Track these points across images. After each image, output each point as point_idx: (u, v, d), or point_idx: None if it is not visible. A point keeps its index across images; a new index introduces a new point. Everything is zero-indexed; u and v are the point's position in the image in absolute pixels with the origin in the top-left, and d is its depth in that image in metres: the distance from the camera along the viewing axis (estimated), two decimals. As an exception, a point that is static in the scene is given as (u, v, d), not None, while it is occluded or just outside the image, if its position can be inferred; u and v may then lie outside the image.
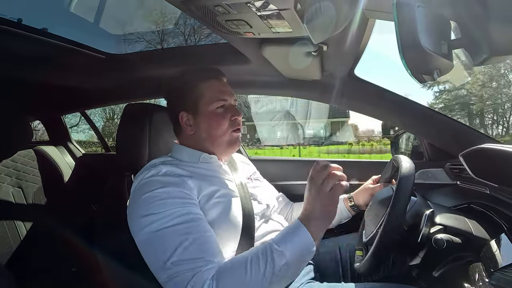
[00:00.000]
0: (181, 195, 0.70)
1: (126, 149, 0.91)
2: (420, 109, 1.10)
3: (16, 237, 1.41)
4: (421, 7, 0.41)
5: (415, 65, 0.44)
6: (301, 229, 0.66)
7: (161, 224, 0.65)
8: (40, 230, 1.49)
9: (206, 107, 0.84)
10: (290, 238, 0.65)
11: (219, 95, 0.85)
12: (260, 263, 0.61)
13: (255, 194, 0.91)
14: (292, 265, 0.63)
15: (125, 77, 1.28)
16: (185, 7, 0.64)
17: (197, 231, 0.66)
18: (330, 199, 0.67)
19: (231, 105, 0.87)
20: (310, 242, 0.65)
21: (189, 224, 0.66)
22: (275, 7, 0.59)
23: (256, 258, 0.62)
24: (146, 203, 0.68)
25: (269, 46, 0.85)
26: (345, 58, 0.94)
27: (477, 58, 0.44)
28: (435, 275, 0.75)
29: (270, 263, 0.61)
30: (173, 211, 0.66)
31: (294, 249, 0.63)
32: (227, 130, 0.85)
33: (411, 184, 0.71)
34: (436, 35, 0.43)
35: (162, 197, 0.68)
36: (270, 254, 0.62)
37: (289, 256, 0.62)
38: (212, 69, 0.88)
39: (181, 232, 0.64)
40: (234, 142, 0.87)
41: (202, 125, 0.85)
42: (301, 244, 0.65)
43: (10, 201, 1.44)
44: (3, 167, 1.47)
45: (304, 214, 0.68)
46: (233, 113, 0.85)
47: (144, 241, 0.66)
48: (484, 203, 0.89)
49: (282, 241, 0.65)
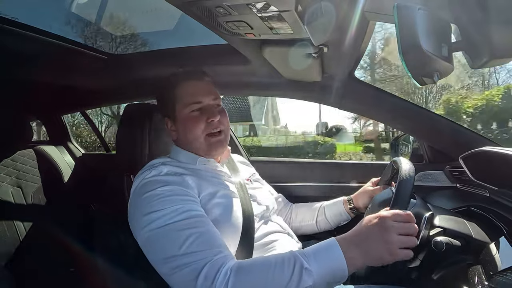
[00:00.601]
0: (183, 193, 0.70)
1: (126, 149, 0.91)
2: (420, 111, 1.11)
3: (15, 236, 1.41)
4: (422, 10, 0.42)
5: (416, 68, 0.44)
6: (336, 251, 0.58)
7: (165, 220, 0.64)
8: (39, 229, 1.49)
9: (181, 111, 0.82)
10: (323, 256, 0.59)
11: (192, 97, 0.82)
12: (285, 272, 0.56)
13: (255, 195, 0.91)
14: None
15: (126, 77, 1.28)
16: (186, 8, 0.64)
17: (203, 226, 0.65)
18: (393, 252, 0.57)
19: (209, 106, 0.83)
20: (343, 267, 0.57)
21: (194, 219, 0.65)
22: (276, 8, 0.59)
23: (281, 266, 0.57)
24: (148, 201, 0.68)
25: (269, 47, 0.85)
26: (345, 60, 0.94)
27: (477, 61, 0.44)
28: (434, 277, 0.75)
29: (295, 279, 0.55)
30: (176, 208, 0.66)
31: (323, 270, 0.57)
32: (201, 133, 0.81)
33: (410, 186, 0.71)
34: (436, 38, 0.43)
35: (164, 195, 0.68)
36: (299, 270, 0.56)
37: (316, 278, 0.56)
38: (189, 70, 0.87)
39: (186, 227, 0.63)
40: (213, 146, 0.83)
41: (180, 129, 0.84)
42: (332, 268, 0.57)
43: (10, 201, 1.44)
44: (3, 167, 1.47)
45: (348, 240, 0.60)
46: (209, 115, 0.81)
47: (147, 238, 0.65)
48: (484, 206, 0.89)
49: (313, 256, 0.58)
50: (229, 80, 1.16)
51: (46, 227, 1.51)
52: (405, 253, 0.58)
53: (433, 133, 1.13)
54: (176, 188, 0.70)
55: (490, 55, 0.41)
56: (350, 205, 1.04)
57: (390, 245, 0.57)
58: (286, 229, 0.92)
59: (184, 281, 0.59)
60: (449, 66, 0.45)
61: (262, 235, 0.82)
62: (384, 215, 0.60)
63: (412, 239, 0.59)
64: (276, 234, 0.85)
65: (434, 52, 0.42)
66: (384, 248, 0.57)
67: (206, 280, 0.57)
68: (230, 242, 0.74)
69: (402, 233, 0.58)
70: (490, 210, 0.86)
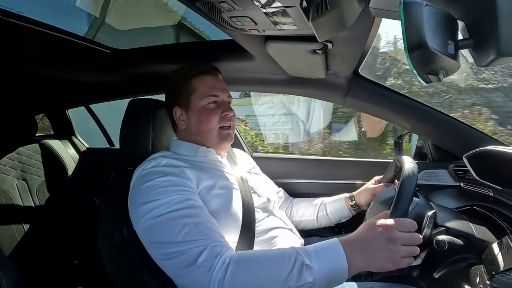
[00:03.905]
0: (181, 183, 0.71)
1: (130, 144, 0.91)
2: (425, 109, 1.09)
3: (19, 229, 1.43)
4: (428, 6, 0.41)
5: (421, 65, 0.44)
6: (339, 251, 0.58)
7: (163, 209, 0.64)
8: (43, 222, 1.51)
9: (197, 102, 0.85)
10: (325, 254, 0.59)
11: (211, 90, 0.86)
12: (285, 266, 0.56)
13: (255, 187, 0.92)
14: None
15: (129, 72, 1.28)
16: (190, 3, 0.64)
17: (201, 216, 0.66)
18: (394, 260, 0.57)
19: (223, 101, 0.88)
20: (343, 269, 0.57)
21: (191, 210, 0.66)
22: (281, 4, 0.58)
23: (282, 260, 0.57)
24: (146, 191, 0.69)
25: (273, 43, 0.85)
26: (350, 57, 0.93)
27: (484, 59, 0.43)
28: (435, 276, 0.75)
29: (295, 274, 0.55)
30: (174, 197, 0.66)
31: (325, 269, 0.57)
32: (216, 125, 0.85)
33: (413, 185, 0.70)
34: (443, 35, 0.42)
35: (162, 185, 0.69)
36: (300, 267, 0.56)
37: (316, 275, 0.56)
38: (206, 65, 0.90)
39: (184, 216, 0.64)
40: (224, 138, 0.87)
41: (193, 119, 0.86)
42: (334, 267, 0.57)
43: (15, 194, 1.46)
44: (8, 160, 1.49)
45: (352, 242, 0.60)
46: (224, 109, 0.86)
47: (145, 227, 0.65)
48: (487, 205, 0.88)
49: (315, 254, 0.59)
50: (232, 76, 1.15)
51: (50, 220, 1.53)
52: (407, 262, 0.58)
53: (437, 131, 1.12)
54: (174, 179, 0.71)
55: (497, 53, 0.40)
56: (352, 202, 1.05)
57: (394, 255, 0.57)
58: (289, 225, 0.93)
59: (181, 267, 0.59)
60: (455, 63, 0.44)
61: (265, 230, 0.82)
62: (390, 225, 0.59)
63: (415, 249, 0.59)
64: (278, 229, 0.86)
65: (440, 49, 0.41)
66: (388, 258, 0.57)
67: (204, 265, 0.57)
68: (231, 233, 0.75)
69: (406, 244, 0.58)
70: (494, 209, 0.85)
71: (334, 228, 1.15)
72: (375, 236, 0.59)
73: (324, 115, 4.76)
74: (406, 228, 0.60)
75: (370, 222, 0.62)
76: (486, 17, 0.41)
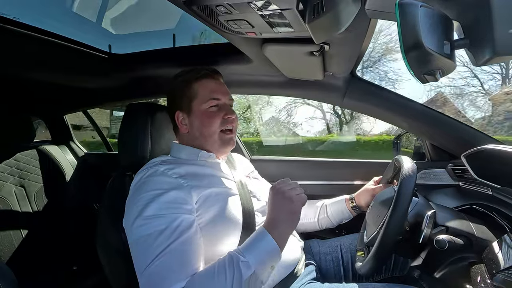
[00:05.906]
0: (176, 200, 0.70)
1: (128, 149, 0.91)
2: (422, 109, 1.10)
3: (17, 235, 1.42)
4: (424, 7, 0.41)
5: (418, 65, 0.44)
6: (266, 236, 0.67)
7: (148, 228, 0.65)
8: (42, 228, 1.50)
9: (199, 106, 0.85)
10: (256, 245, 0.66)
11: (212, 94, 0.86)
12: (227, 275, 0.61)
13: (254, 191, 0.92)
14: (260, 273, 0.64)
15: (127, 77, 1.28)
16: (187, 7, 0.64)
17: (184, 243, 0.66)
18: (295, 205, 0.71)
19: (225, 105, 0.88)
20: (275, 248, 0.66)
21: (175, 233, 0.66)
22: (277, 7, 0.59)
23: (223, 270, 0.62)
24: (140, 204, 0.69)
25: (270, 45, 0.85)
26: (347, 58, 0.94)
27: (480, 58, 0.43)
28: (436, 276, 0.74)
29: (237, 275, 0.61)
30: (163, 217, 0.67)
31: (260, 257, 0.64)
32: (218, 128, 0.86)
33: (413, 185, 0.70)
34: (439, 35, 0.43)
35: (157, 200, 0.69)
36: (237, 266, 0.62)
37: (256, 265, 0.63)
38: (207, 69, 0.89)
39: (164, 239, 0.64)
40: (226, 142, 0.88)
41: (195, 123, 0.86)
42: (266, 251, 0.65)
43: (13, 200, 1.45)
44: (6, 166, 1.48)
45: (270, 222, 0.70)
46: (226, 112, 0.86)
47: (132, 242, 0.68)
48: (487, 204, 0.88)
49: (247, 250, 0.65)
50: (230, 79, 1.15)
51: (49, 226, 1.52)
52: (302, 197, 0.73)
53: (435, 131, 1.12)
54: (168, 196, 0.70)
55: (493, 52, 0.41)
56: (352, 203, 1.04)
57: (289, 197, 0.71)
58: None
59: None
60: (451, 63, 0.45)
61: None
62: (273, 187, 0.75)
63: (297, 188, 0.74)
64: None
65: (436, 49, 0.42)
66: (287, 202, 0.71)
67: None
68: (231, 237, 0.74)
69: (289, 188, 0.73)
70: (493, 208, 0.85)
71: (334, 229, 1.15)
72: (271, 199, 0.73)
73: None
74: (286, 184, 0.74)
75: (271, 199, 0.73)
76: (481, 17, 0.41)
